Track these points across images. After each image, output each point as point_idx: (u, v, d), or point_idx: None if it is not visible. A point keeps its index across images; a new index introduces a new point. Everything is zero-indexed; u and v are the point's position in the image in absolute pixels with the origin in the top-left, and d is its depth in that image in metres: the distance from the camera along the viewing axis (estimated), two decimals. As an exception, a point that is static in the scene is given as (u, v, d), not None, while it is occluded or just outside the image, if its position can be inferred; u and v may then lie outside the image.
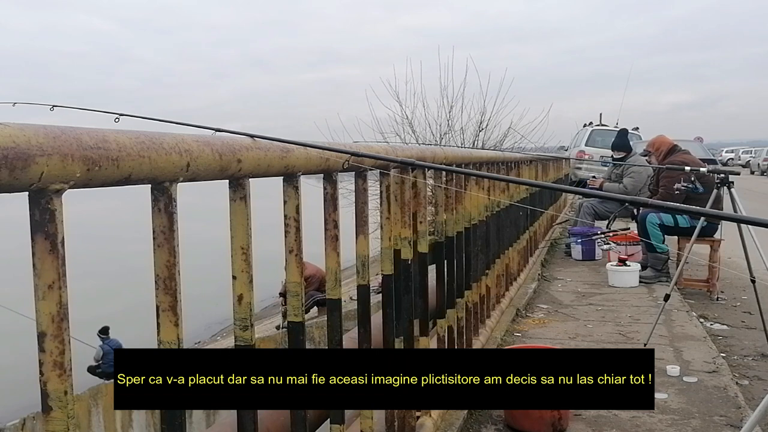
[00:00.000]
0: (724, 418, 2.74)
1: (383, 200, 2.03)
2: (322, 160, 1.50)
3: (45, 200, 0.79)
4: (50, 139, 0.77)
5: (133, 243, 11.43)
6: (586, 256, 6.83)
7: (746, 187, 15.45)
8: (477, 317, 3.39)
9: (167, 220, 1.03)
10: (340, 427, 1.61)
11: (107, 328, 10.48)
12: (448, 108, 12.73)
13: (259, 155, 1.23)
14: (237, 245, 1.24)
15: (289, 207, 1.44)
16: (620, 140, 7.33)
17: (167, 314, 1.04)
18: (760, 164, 33.79)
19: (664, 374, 3.26)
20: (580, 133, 14.73)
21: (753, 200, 11.90)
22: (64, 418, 0.82)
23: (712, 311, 4.87)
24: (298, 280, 1.45)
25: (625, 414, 2.76)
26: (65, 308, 0.82)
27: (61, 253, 0.81)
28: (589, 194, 2.83)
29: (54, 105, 2.10)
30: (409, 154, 2.14)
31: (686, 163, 5.25)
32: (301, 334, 1.44)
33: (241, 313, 1.25)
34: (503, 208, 4.19)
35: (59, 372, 0.81)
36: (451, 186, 2.84)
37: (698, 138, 18.01)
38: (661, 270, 5.66)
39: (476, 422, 2.69)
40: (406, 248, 2.09)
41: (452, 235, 2.84)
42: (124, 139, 0.89)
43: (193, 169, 1.03)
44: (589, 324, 4.38)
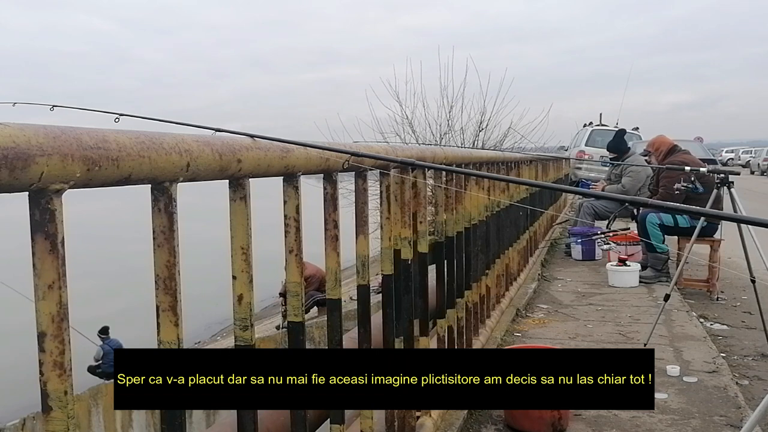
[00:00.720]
0: (724, 418, 2.74)
1: (383, 200, 2.03)
2: (322, 160, 1.50)
3: (45, 200, 0.79)
4: (50, 139, 0.77)
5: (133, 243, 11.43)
6: (586, 256, 6.83)
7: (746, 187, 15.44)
8: (477, 317, 3.39)
9: (167, 220, 1.03)
10: (340, 427, 1.61)
11: (107, 328, 10.49)
12: (448, 108, 12.74)
13: (259, 155, 1.23)
14: (237, 245, 1.24)
15: (289, 207, 1.44)
16: (615, 142, 7.28)
17: (167, 314, 1.04)
18: (760, 164, 33.79)
19: (664, 374, 3.26)
20: (580, 133, 14.73)
21: (753, 200, 11.90)
22: (64, 418, 0.82)
23: (712, 311, 4.87)
24: (298, 280, 1.45)
25: (625, 414, 2.76)
26: (65, 308, 0.82)
27: (61, 253, 0.81)
28: (589, 194, 2.84)
29: (54, 105, 2.10)
30: (409, 154, 2.14)
31: (686, 163, 5.25)
32: (301, 334, 1.44)
33: (241, 313, 1.25)
34: (503, 208, 4.19)
35: (59, 372, 0.81)
36: (451, 186, 2.84)
37: (698, 138, 18.01)
38: (661, 270, 5.66)
39: (476, 422, 2.69)
40: (406, 248, 2.09)
41: (452, 235, 2.84)
42: (124, 139, 0.89)
43: (193, 169, 1.03)
44: (589, 324, 4.38)
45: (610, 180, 7.22)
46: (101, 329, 10.38)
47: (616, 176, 7.08)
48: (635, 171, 6.82)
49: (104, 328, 10.43)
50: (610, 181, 7.17)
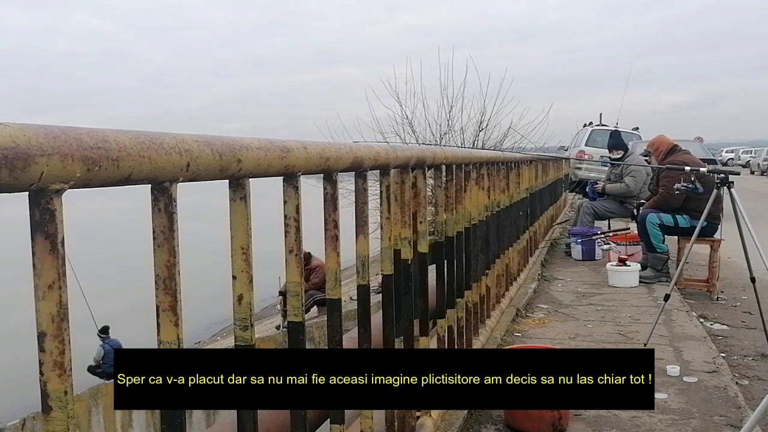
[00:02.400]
0: (724, 418, 2.74)
1: (383, 200, 2.03)
2: (322, 160, 1.50)
3: (45, 200, 0.79)
4: (50, 139, 0.77)
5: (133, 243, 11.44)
6: (586, 256, 6.83)
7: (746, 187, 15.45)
8: (477, 317, 3.39)
9: (167, 220, 1.03)
10: (340, 427, 1.61)
11: (107, 327, 10.49)
12: (448, 108, 12.75)
13: (259, 155, 1.23)
14: (237, 245, 1.24)
15: (289, 207, 1.44)
16: (615, 140, 7.36)
17: (167, 314, 1.04)
18: (760, 164, 33.79)
19: (664, 374, 3.26)
20: (580, 133, 14.73)
21: (753, 200, 11.91)
22: (64, 418, 0.82)
23: (712, 311, 4.87)
24: (298, 280, 1.45)
25: (625, 414, 2.76)
26: (65, 308, 0.82)
27: (61, 253, 0.81)
28: None
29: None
30: (409, 154, 2.14)
31: (686, 163, 5.24)
32: (301, 334, 1.44)
33: (241, 313, 1.25)
34: (503, 208, 4.19)
35: (59, 372, 0.81)
36: (451, 186, 2.84)
37: (698, 138, 18.00)
38: (661, 270, 5.66)
39: (476, 422, 2.69)
40: (406, 248, 2.09)
41: (452, 235, 2.84)
42: (124, 138, 0.89)
43: (193, 169, 1.03)
44: (589, 324, 4.38)
45: (609, 180, 7.22)
46: (101, 329, 10.39)
47: (616, 176, 7.08)
48: (637, 170, 6.84)
49: (104, 328, 10.44)
50: (610, 180, 7.17)
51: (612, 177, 7.19)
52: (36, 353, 0.81)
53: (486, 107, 12.78)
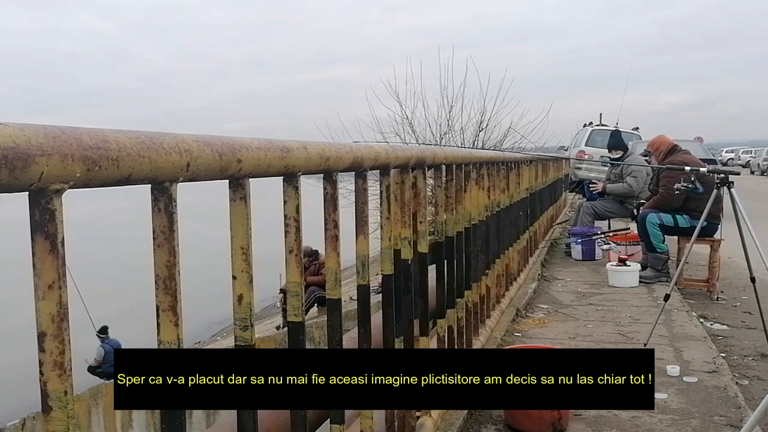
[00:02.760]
0: (724, 418, 2.74)
1: (383, 200, 2.03)
2: (322, 160, 1.50)
3: (45, 200, 0.79)
4: (50, 139, 0.77)
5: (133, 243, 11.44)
6: (586, 256, 6.83)
7: (746, 187, 15.45)
8: (477, 317, 3.39)
9: (167, 220, 1.03)
10: (340, 427, 1.61)
11: (106, 327, 10.49)
12: (448, 108, 12.76)
13: (259, 155, 1.23)
14: (237, 245, 1.24)
15: (289, 207, 1.44)
16: (615, 140, 7.37)
17: (167, 314, 1.04)
18: (760, 164, 33.78)
19: (664, 374, 3.26)
20: (580, 133, 14.72)
21: (753, 200, 11.91)
22: (64, 418, 0.82)
23: (712, 311, 4.87)
24: (298, 280, 1.45)
25: (625, 414, 2.76)
26: (65, 308, 0.82)
27: (61, 253, 0.81)
28: None
29: None
30: (409, 154, 2.14)
31: (686, 163, 5.24)
32: (301, 334, 1.44)
33: (241, 313, 1.25)
34: (503, 208, 4.19)
35: (59, 372, 0.81)
36: (451, 186, 2.84)
37: (698, 138, 18.00)
38: (661, 270, 5.66)
39: (476, 422, 2.69)
40: (406, 248, 2.09)
41: (452, 235, 2.84)
42: (124, 138, 0.88)
43: (193, 169, 1.03)
44: (589, 324, 4.38)
45: (609, 180, 7.22)
46: (100, 329, 10.38)
47: (616, 176, 7.08)
48: (637, 170, 6.84)
49: (103, 328, 10.43)
50: (610, 180, 7.17)
51: (612, 177, 7.19)
52: (36, 353, 0.81)
53: (486, 107, 12.80)
